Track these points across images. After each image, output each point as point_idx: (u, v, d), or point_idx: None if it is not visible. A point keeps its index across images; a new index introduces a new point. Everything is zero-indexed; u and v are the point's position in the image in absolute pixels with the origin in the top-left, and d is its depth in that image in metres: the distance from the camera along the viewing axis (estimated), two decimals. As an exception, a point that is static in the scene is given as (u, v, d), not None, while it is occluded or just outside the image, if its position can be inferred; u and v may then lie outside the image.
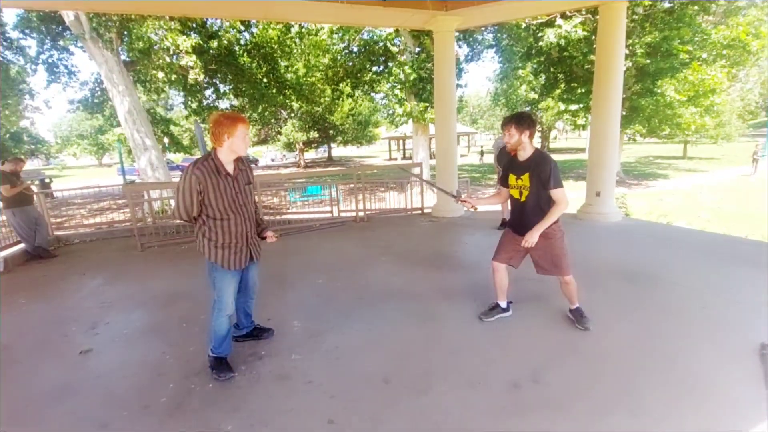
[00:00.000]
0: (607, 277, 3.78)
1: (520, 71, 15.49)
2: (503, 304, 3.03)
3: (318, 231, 6.52)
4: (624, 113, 14.46)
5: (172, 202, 10.24)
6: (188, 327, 3.14)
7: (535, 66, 16.02)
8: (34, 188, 5.95)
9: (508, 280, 2.98)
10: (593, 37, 11.72)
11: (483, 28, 14.56)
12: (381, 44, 14.66)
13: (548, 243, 2.69)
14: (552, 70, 15.71)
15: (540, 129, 40.80)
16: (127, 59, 10.90)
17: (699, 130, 16.35)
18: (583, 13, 12.25)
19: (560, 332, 2.82)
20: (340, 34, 14.53)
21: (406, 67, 13.29)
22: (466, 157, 34.46)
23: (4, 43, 12.59)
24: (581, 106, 14.75)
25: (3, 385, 2.48)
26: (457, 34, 13.73)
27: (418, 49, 13.68)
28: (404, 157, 35.32)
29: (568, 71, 15.29)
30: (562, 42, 12.75)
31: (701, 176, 19.57)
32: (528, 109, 24.37)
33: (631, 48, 13.01)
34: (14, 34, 12.43)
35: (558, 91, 15.80)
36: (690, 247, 4.67)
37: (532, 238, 2.59)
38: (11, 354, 2.89)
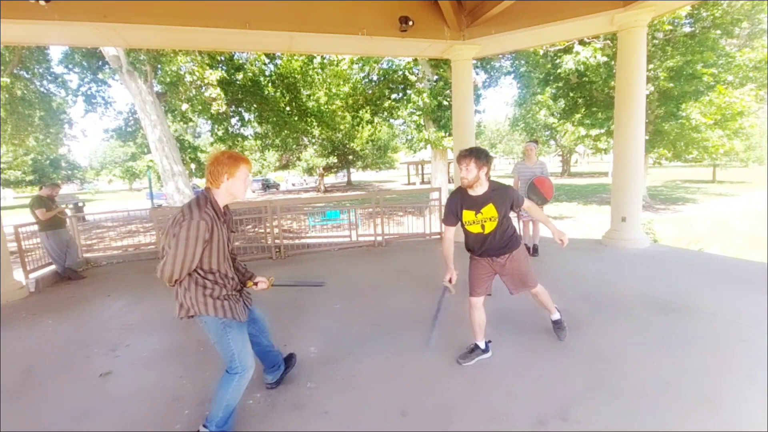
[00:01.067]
0: (636, 307, 3.61)
1: (539, 96, 15.54)
2: (482, 344, 2.84)
3: (336, 255, 6.54)
4: (647, 137, 14.20)
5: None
6: (205, 351, 3.14)
7: (554, 91, 16.05)
8: (68, 212, 6.24)
9: (486, 317, 2.85)
10: (613, 63, 11.72)
11: (501, 56, 14.79)
12: (400, 73, 15.05)
13: (515, 262, 2.74)
14: (571, 95, 15.71)
15: (560, 153, 40.60)
16: (159, 90, 11.53)
17: (728, 153, 15.82)
18: (602, 39, 12.32)
19: (586, 365, 2.67)
20: (360, 64, 15.01)
21: (425, 95, 13.55)
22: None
23: (48, 77, 13.59)
24: (602, 130, 14.59)
25: (25, 404, 2.52)
26: (474, 61, 14.06)
27: (436, 77, 13.96)
28: (422, 182, 35.46)
29: (587, 96, 15.25)
30: (581, 68, 12.79)
31: (732, 200, 18.80)
32: (548, 133, 24.32)
33: (652, 72, 12.91)
34: (59, 69, 13.43)
35: (578, 116, 15.72)
36: (725, 275, 4.42)
37: (565, 236, 2.79)
38: (35, 374, 2.94)
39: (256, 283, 2.33)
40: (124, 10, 4.79)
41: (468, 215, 2.62)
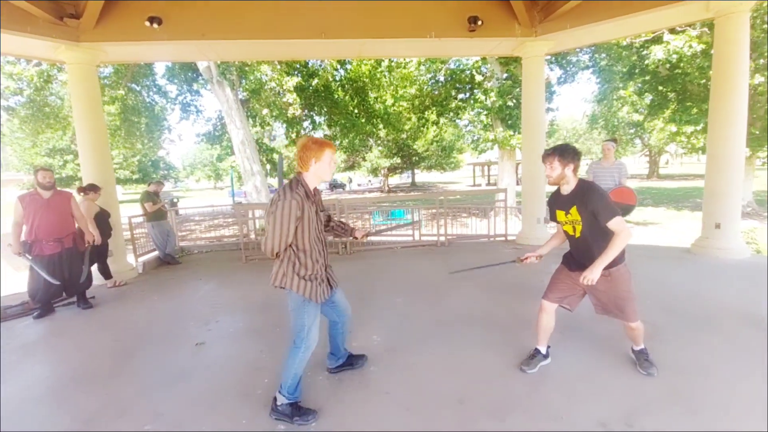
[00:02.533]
0: (725, 321, 3.28)
1: (622, 92, 14.34)
2: (543, 350, 2.71)
3: (400, 253, 6.72)
4: (757, 133, 12.43)
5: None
6: (281, 331, 3.49)
7: (639, 85, 14.69)
8: (166, 206, 7.21)
9: (554, 325, 2.67)
10: (712, 52, 10.47)
11: (578, 50, 13.92)
12: (467, 72, 14.86)
13: (611, 285, 2.41)
14: (660, 88, 14.24)
15: (648, 153, 36.80)
16: (243, 98, 12.67)
17: None
18: (698, 26, 11.05)
19: (662, 377, 2.51)
20: (427, 65, 15.08)
21: (492, 94, 13.24)
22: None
23: (153, 89, 15.57)
24: (698, 127, 13.04)
25: (139, 363, 3.03)
26: (548, 57, 13.41)
27: (505, 75, 13.57)
28: (488, 184, 34.46)
29: (680, 89, 13.72)
30: (673, 58, 11.58)
31: None
32: (632, 131, 22.22)
33: (755, 62, 11.27)
34: (161, 81, 15.36)
35: (668, 112, 14.21)
36: None
37: (592, 275, 2.27)
38: (146, 340, 3.51)
39: (356, 237, 2.63)
40: (218, 28, 5.44)
41: (560, 215, 2.50)
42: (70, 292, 4.55)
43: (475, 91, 14.98)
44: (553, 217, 2.60)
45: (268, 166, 18.49)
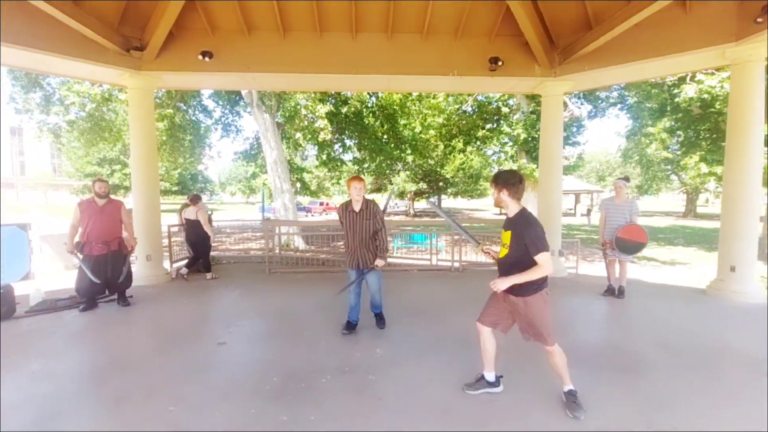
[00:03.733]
0: (721, 362, 3.32)
1: (651, 128, 14.24)
2: (489, 376, 2.78)
3: (415, 276, 6.97)
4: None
5: (295, 237, 11.91)
6: (293, 338, 3.82)
7: (672, 123, 14.57)
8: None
9: (496, 349, 2.76)
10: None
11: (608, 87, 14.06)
12: (494, 104, 15.24)
13: (527, 310, 2.53)
14: (693, 127, 14.07)
15: (685, 191, 35.47)
16: (279, 121, 13.53)
17: None
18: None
19: (640, 407, 2.64)
20: (454, 97, 15.59)
21: (518, 127, 13.50)
22: (573, 216, 31.65)
23: (199, 109, 16.82)
24: (732, 167, 12.70)
25: (170, 356, 3.42)
26: (576, 93, 13.60)
27: (531, 109, 13.84)
28: (515, 213, 34.11)
29: (713, 128, 13.51)
30: (705, 97, 11.52)
31: None
32: (669, 168, 21.69)
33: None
34: (207, 102, 16.61)
35: (700, 151, 13.96)
36: None
37: (500, 284, 2.44)
38: (176, 337, 3.92)
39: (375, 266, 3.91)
40: (261, 62, 6.09)
41: (503, 234, 2.63)
42: (112, 290, 5.09)
43: (501, 122, 15.32)
44: None
45: (298, 185, 19.33)
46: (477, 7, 6.00)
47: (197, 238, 6.72)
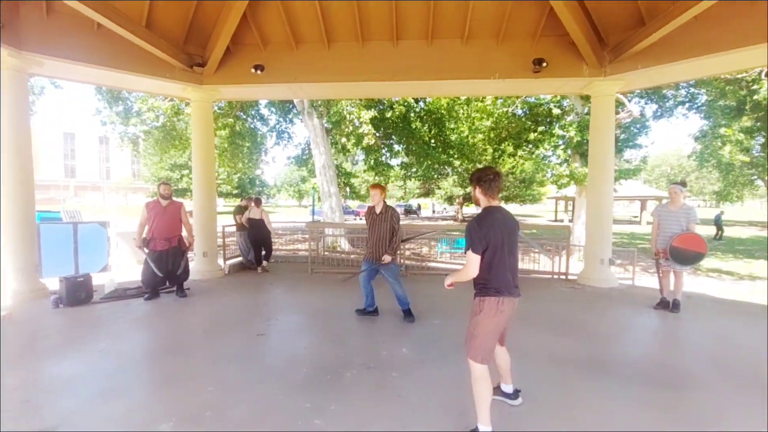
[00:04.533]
0: (785, 387, 3.00)
1: (723, 129, 12.92)
2: (506, 388, 2.69)
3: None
4: None
5: (341, 239, 12.28)
6: (325, 333, 4.02)
7: (753, 123, 13.09)
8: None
9: (509, 362, 2.64)
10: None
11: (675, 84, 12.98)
12: (545, 106, 14.67)
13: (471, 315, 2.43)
14: (778, 126, 12.56)
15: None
16: (327, 126, 14.08)
17: None
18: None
19: (677, 422, 2.47)
20: (503, 99, 15.22)
21: (571, 129, 12.89)
22: (639, 225, 29.18)
23: (256, 117, 17.95)
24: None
25: (214, 342, 3.76)
26: (638, 91, 12.71)
27: (586, 110, 13.14)
28: (571, 220, 32.32)
29: (804, 128, 11.97)
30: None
31: None
32: (753, 172, 19.39)
33: None
34: (263, 111, 17.68)
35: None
36: None
37: (446, 278, 2.57)
38: (221, 326, 4.29)
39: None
40: (307, 73, 6.45)
41: None
42: (172, 282, 5.64)
43: (554, 124, 14.68)
44: None
45: (347, 189, 19.91)
46: (519, 8, 5.90)
47: (262, 236, 7.57)
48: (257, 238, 7.64)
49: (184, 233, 5.72)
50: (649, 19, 5.38)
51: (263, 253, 7.74)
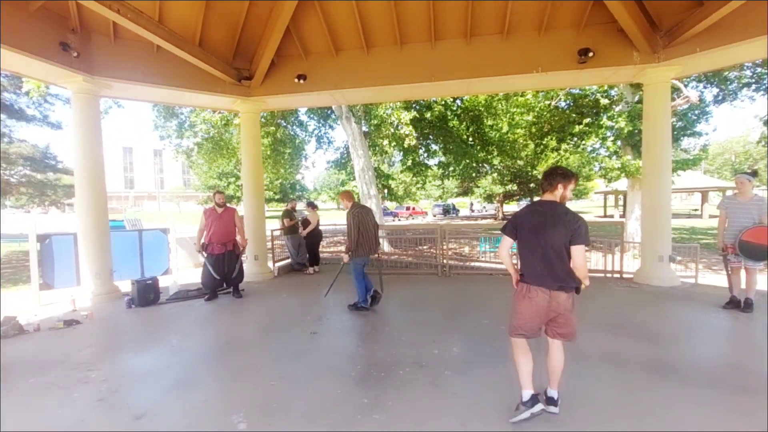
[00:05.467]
0: None
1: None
2: (550, 392, 2.54)
3: (497, 279, 6.82)
4: None
5: (382, 241, 12.39)
6: (376, 332, 4.12)
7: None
8: (299, 223, 8.73)
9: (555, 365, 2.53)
10: None
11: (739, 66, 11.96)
12: (591, 97, 14.02)
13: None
14: None
15: None
16: (365, 130, 14.29)
17: None
18: None
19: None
20: (544, 93, 14.73)
21: (621, 119, 12.23)
22: (700, 218, 26.95)
23: (296, 123, 18.54)
24: None
25: (269, 342, 3.96)
26: (695, 75, 11.83)
27: (636, 98, 12.42)
28: (622, 216, 30.54)
29: None
30: None
31: None
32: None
33: None
34: (303, 117, 18.26)
35: None
36: None
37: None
38: (275, 325, 4.51)
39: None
40: (347, 79, 6.62)
41: None
42: (228, 284, 5.99)
43: (601, 115, 13.99)
44: None
45: (385, 191, 20.09)
46: (562, -2, 5.72)
47: (315, 238, 8.11)
48: (314, 241, 8.09)
49: (238, 238, 6.06)
50: (707, -3, 5.03)
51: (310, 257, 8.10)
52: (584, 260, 2.42)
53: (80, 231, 5.90)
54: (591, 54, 5.82)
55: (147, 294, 5.56)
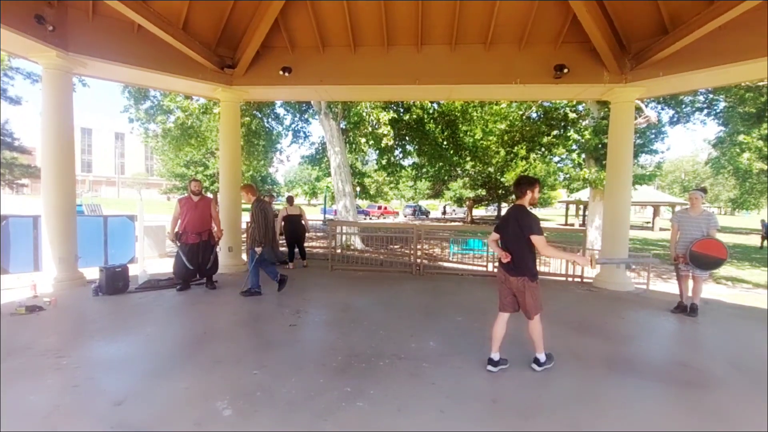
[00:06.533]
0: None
1: (742, 136, 12.87)
2: (495, 356, 3.25)
3: (470, 281, 7.09)
4: None
5: (354, 238, 12.46)
6: (355, 326, 4.22)
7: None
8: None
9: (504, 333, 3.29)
10: None
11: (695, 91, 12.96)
12: (561, 110, 14.73)
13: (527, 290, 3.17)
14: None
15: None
16: (343, 127, 14.30)
17: None
18: None
19: (683, 416, 2.62)
20: (518, 103, 15.30)
21: (587, 133, 12.94)
22: (652, 231, 28.85)
23: (272, 116, 18.23)
24: None
25: (250, 334, 3.96)
26: (653, 98, 12.70)
27: (602, 114, 13.19)
28: (581, 224, 32.16)
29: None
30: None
31: None
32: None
33: None
34: (279, 110, 17.99)
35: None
36: None
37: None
38: (256, 319, 4.50)
39: None
40: (332, 75, 6.66)
41: None
42: (202, 274, 5.88)
43: (569, 128, 14.73)
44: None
45: (358, 189, 20.14)
46: (542, 14, 6.04)
47: (300, 232, 8.06)
48: (294, 235, 7.99)
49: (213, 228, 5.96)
50: (672, 27, 5.48)
51: (296, 249, 8.06)
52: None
53: (44, 213, 5.60)
54: (566, 70, 6.17)
55: (116, 282, 5.38)
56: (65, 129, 5.68)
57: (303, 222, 8.13)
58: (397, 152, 17.73)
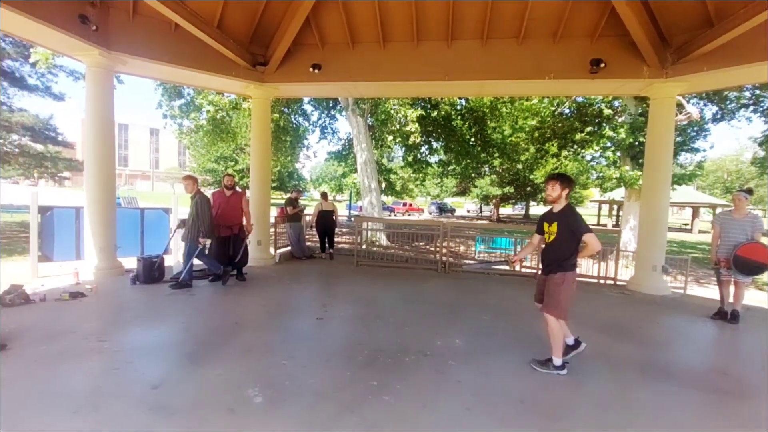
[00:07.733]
0: None
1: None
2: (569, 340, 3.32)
3: (496, 280, 6.98)
4: None
5: (380, 234, 12.49)
6: (381, 321, 4.25)
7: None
8: (303, 212, 8.83)
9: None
10: None
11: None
12: (596, 106, 14.20)
13: (549, 285, 3.15)
14: None
15: None
16: (370, 124, 14.33)
17: None
18: None
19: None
20: (550, 98, 14.86)
21: (622, 130, 12.42)
22: (690, 233, 27.43)
23: (299, 112, 18.50)
24: None
25: (275, 328, 4.06)
26: (695, 94, 12.05)
27: (639, 111, 12.63)
28: (615, 225, 30.98)
29: None
30: None
31: None
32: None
33: None
34: (307, 107, 18.24)
35: None
36: None
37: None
38: (279, 312, 4.61)
39: None
40: (362, 72, 6.69)
41: (545, 226, 3.22)
42: (233, 266, 6.06)
43: (603, 125, 14.18)
44: (539, 229, 3.32)
45: (383, 185, 20.15)
46: (578, 7, 5.85)
47: (332, 226, 8.60)
48: (327, 228, 8.51)
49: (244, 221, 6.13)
50: (718, 19, 5.18)
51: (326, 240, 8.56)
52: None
53: (87, 205, 5.92)
54: (603, 65, 5.94)
55: (152, 271, 5.63)
56: (107, 125, 5.98)
57: (334, 217, 8.60)
58: (423, 149, 17.63)
